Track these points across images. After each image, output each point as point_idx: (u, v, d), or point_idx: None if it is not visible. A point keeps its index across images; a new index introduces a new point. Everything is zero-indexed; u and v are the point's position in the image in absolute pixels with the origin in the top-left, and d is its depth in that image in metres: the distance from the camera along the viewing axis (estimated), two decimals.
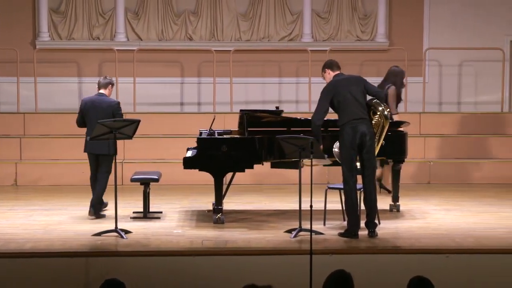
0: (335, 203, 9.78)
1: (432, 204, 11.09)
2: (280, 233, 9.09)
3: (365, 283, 6.57)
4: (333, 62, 9.47)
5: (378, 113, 9.13)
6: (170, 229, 9.42)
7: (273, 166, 10.20)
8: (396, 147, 10.28)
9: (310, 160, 8.55)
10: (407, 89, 13.97)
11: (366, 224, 9.00)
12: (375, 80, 14.43)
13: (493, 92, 14.58)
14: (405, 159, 10.47)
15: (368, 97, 9.20)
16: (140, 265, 8.05)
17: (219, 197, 9.66)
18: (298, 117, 10.59)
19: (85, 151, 10.19)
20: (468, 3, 14.67)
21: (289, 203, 10.83)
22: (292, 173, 10.22)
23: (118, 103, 10.36)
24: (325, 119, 9.25)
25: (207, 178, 9.79)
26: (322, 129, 9.24)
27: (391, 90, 11.55)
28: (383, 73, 13.16)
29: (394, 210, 10.48)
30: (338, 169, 10.46)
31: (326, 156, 8.93)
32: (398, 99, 11.68)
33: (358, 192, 9.03)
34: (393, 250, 8.44)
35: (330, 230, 9.21)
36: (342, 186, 9.30)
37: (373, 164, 9.02)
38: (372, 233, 8.95)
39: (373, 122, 9.10)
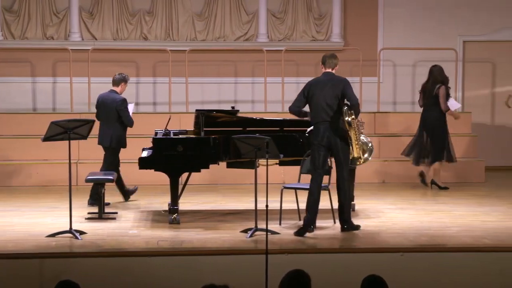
0: (291, 202, 9.80)
1: (387, 203, 11.16)
2: (236, 233, 9.08)
3: (321, 282, 6.59)
4: (327, 59, 9.40)
5: (345, 119, 9.13)
6: (125, 229, 9.36)
7: (229, 166, 10.19)
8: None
9: (265, 160, 8.56)
10: (362, 89, 14.06)
11: (340, 218, 9.29)
12: None
13: None
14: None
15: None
16: (95, 266, 7.98)
17: (175, 197, 9.63)
18: (254, 117, 10.60)
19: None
20: (422, 4, 14.79)
21: (245, 203, 10.82)
22: (248, 173, 10.22)
23: (122, 100, 10.83)
24: (282, 118, 9.25)
25: (162, 178, 9.75)
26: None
27: (442, 90, 12.25)
28: (338, 73, 13.20)
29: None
30: (294, 169, 10.51)
31: (281, 155, 8.94)
32: (448, 96, 12.38)
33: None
34: (349, 249, 8.48)
35: (285, 230, 9.22)
36: (297, 186, 9.61)
37: (346, 164, 9.20)
38: (345, 228, 9.24)
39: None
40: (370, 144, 9.83)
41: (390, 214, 10.34)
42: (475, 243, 8.65)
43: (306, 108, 9.44)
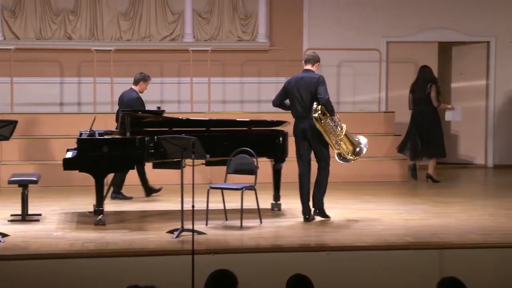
0: (218, 203, 9.81)
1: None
2: (162, 233, 9.04)
3: (247, 282, 6.61)
4: (308, 57, 10.03)
5: (313, 115, 9.66)
6: (49, 231, 9.23)
7: (155, 166, 10.15)
8: (276, 147, 10.40)
9: (191, 160, 8.55)
10: None
11: (313, 203, 9.92)
12: (256, 80, 14.66)
13: (371, 92, 14.92)
14: (286, 158, 10.59)
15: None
16: (19, 269, 7.85)
17: (100, 198, 9.54)
18: (180, 117, 10.57)
19: None
20: (347, 4, 14.96)
21: (171, 203, 10.79)
22: (174, 173, 10.20)
23: (136, 98, 11.36)
24: (208, 118, 9.28)
25: (88, 179, 9.66)
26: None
27: (434, 88, 13.20)
28: (264, 73, 13.33)
29: (276, 209, 10.59)
30: (220, 169, 10.52)
31: (207, 156, 8.95)
32: (439, 92, 13.32)
33: None
34: (275, 249, 8.52)
35: (212, 230, 9.23)
36: (223, 186, 9.68)
37: (324, 156, 9.81)
38: (316, 212, 9.89)
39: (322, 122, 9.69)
40: (364, 141, 10.13)
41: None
42: (398, 241, 8.78)
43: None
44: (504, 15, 15.14)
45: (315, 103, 9.67)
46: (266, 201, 10.58)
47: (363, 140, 10.15)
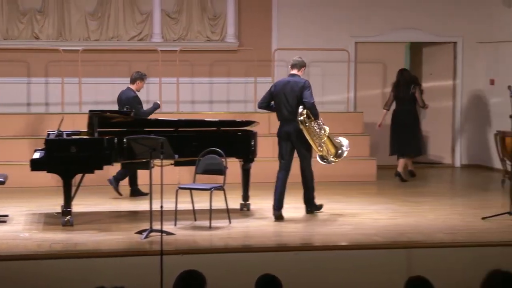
0: (186, 203, 9.79)
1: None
2: (131, 234, 9.01)
3: (216, 282, 6.60)
4: (294, 62, 10.36)
5: (298, 118, 9.98)
6: (16, 232, 9.17)
7: (123, 167, 10.11)
8: (245, 147, 10.41)
9: (160, 161, 8.53)
10: (256, 89, 14.16)
11: (304, 201, 10.37)
12: (225, 80, 14.65)
13: (339, 92, 14.97)
14: (255, 159, 10.60)
15: None
16: None
17: (68, 199, 9.49)
18: (149, 118, 10.55)
19: None
20: (315, 5, 14.98)
21: (140, 204, 10.76)
22: (143, 173, 10.17)
23: (133, 96, 11.58)
24: (177, 119, 9.29)
25: (55, 179, 9.60)
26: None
27: (418, 89, 13.71)
28: (233, 73, 13.32)
29: (245, 209, 10.60)
30: (189, 169, 10.51)
31: (176, 156, 8.94)
32: (422, 93, 13.82)
33: None
34: (244, 249, 8.53)
35: (181, 230, 9.21)
36: (192, 186, 9.74)
37: (307, 158, 10.15)
38: (308, 210, 10.32)
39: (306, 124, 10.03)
40: (346, 143, 10.47)
41: (285, 214, 10.42)
42: (367, 241, 8.82)
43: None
44: (470, 16, 15.25)
45: (300, 106, 9.96)
46: (235, 201, 10.58)
47: (344, 142, 10.48)
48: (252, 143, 10.48)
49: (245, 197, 10.64)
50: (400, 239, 8.91)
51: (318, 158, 10.39)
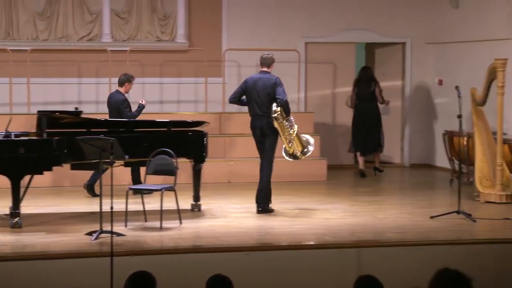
0: (137, 204, 9.75)
1: (232, 203, 11.28)
2: (81, 235, 8.94)
3: (166, 283, 6.59)
4: (262, 59, 10.73)
5: (272, 115, 10.39)
6: None
7: (73, 168, 10.05)
8: (196, 147, 10.40)
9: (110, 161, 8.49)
10: (207, 89, 14.15)
11: (256, 200, 10.52)
12: (176, 81, 14.60)
13: (290, 92, 14.96)
14: (206, 159, 10.60)
15: None
16: None
17: (17, 200, 9.38)
18: (99, 118, 10.48)
19: None
20: (266, 5, 15.01)
21: (90, 205, 10.68)
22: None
23: (122, 99, 11.69)
24: (126, 119, 9.20)
25: (3, 181, 9.48)
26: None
27: (379, 86, 14.25)
28: (183, 73, 13.28)
29: (196, 209, 10.58)
30: (140, 170, 10.46)
31: (126, 156, 8.90)
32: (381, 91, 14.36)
33: None
34: (194, 249, 8.51)
35: (131, 231, 9.17)
36: (142, 187, 9.80)
37: (270, 154, 10.53)
38: (259, 210, 10.43)
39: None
40: (312, 141, 10.83)
41: (236, 214, 10.45)
42: (317, 241, 8.87)
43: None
44: (419, 17, 15.41)
45: (274, 104, 10.33)
46: (186, 202, 10.56)
47: (311, 140, 10.80)
48: (203, 143, 10.47)
49: (196, 197, 10.63)
50: (350, 239, 8.97)
51: (284, 154, 10.65)
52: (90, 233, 8.91)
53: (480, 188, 11.44)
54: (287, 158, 10.72)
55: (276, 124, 10.39)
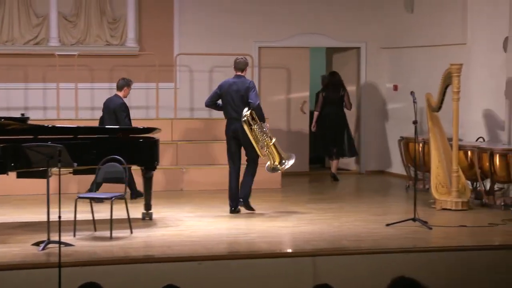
0: (86, 213, 9.68)
1: (185, 211, 11.25)
2: (27, 246, 8.84)
3: None
4: (236, 63, 11.23)
5: (242, 119, 10.78)
6: None
7: (19, 176, 9.93)
8: (147, 154, 10.35)
9: (58, 169, 8.41)
10: (158, 95, 14.10)
11: (241, 198, 11.06)
12: None
13: None
14: (157, 166, 10.55)
15: None
16: None
17: None
18: (46, 124, 10.38)
19: None
20: (218, 9, 14.99)
21: (37, 214, 10.57)
22: (40, 182, 9.99)
23: (121, 103, 11.99)
24: (76, 125, 9.75)
25: None
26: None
27: (346, 92, 14.76)
28: (133, 78, 13.18)
29: (147, 218, 10.53)
30: (88, 178, 10.40)
31: (75, 164, 8.83)
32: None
33: None
34: (145, 259, 8.46)
35: (80, 241, 9.10)
36: (92, 195, 9.75)
37: (251, 156, 10.93)
38: (244, 203, 11.05)
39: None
40: (294, 158, 11.12)
41: (188, 223, 10.43)
42: (272, 249, 8.88)
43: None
44: (374, 21, 15.51)
45: (246, 108, 10.76)
46: (137, 211, 10.51)
47: (293, 156, 11.12)
48: (154, 150, 10.42)
49: (147, 206, 10.58)
50: (305, 247, 8.99)
51: (266, 169, 11.06)
52: (37, 243, 8.82)
53: (436, 195, 11.55)
54: (267, 171, 11.08)
55: (246, 128, 10.72)
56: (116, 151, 9.89)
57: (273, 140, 10.93)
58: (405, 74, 15.08)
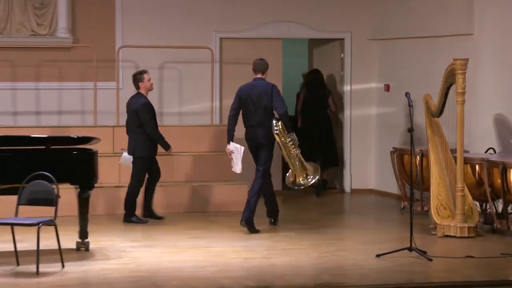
0: (7, 242, 9.63)
1: (129, 240, 11.21)
2: None
3: None
4: (255, 65, 12.08)
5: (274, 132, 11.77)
6: None
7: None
8: (82, 170, 10.30)
9: None
10: (97, 96, 14.05)
11: (267, 215, 12.28)
12: (56, 86, 14.47)
13: (201, 100, 15.00)
14: (95, 185, 10.51)
15: None
16: None
17: None
18: None
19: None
20: None
21: None
22: None
23: (143, 104, 12.59)
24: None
25: None
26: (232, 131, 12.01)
27: (330, 94, 15.42)
28: (66, 76, 13.16)
29: (83, 249, 10.48)
30: (9, 200, 10.33)
31: None
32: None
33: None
34: None
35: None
36: (13, 221, 9.55)
37: (265, 165, 11.83)
38: (272, 222, 12.29)
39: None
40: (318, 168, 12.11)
41: (133, 254, 10.39)
42: (236, 286, 8.87)
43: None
44: (360, 7, 15.55)
45: (274, 120, 11.68)
46: (70, 239, 10.46)
47: (318, 171, 12.07)
48: (91, 164, 10.38)
49: (83, 233, 10.52)
50: (276, 283, 9.00)
51: (287, 183, 12.07)
52: None
53: (436, 218, 11.59)
54: (290, 186, 11.95)
55: (278, 141, 11.72)
56: (44, 166, 9.85)
57: (299, 153, 11.86)
58: (398, 71, 15.12)
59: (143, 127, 12.54)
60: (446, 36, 13.83)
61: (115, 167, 13.54)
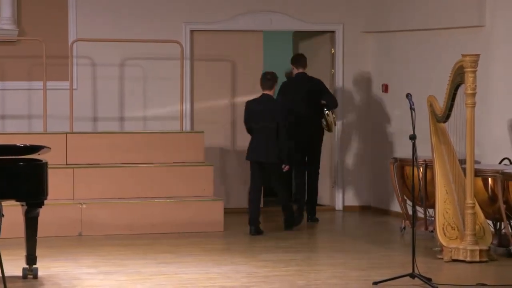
0: None
1: (85, 266, 11.18)
2: None
3: None
4: (299, 59, 13.65)
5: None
6: None
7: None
8: (30, 184, 10.24)
9: None
10: (46, 99, 13.99)
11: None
12: None
13: (169, 103, 14.97)
14: (45, 201, 10.44)
15: None
16: None
17: None
18: None
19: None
20: None
21: None
22: None
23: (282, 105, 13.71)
24: None
25: None
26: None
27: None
28: (10, 75, 13.09)
29: (30, 276, 10.42)
30: None
31: None
32: None
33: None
34: None
35: None
36: None
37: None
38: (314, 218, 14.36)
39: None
40: None
41: (89, 282, 10.35)
42: None
43: None
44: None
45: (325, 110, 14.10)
46: (16, 266, 10.41)
47: None
48: (41, 178, 10.32)
49: (31, 258, 10.46)
50: None
51: None
52: None
53: (443, 240, 11.59)
54: None
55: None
56: None
57: None
58: (398, 68, 15.16)
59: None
60: (453, 28, 13.87)
61: (69, 181, 13.48)
